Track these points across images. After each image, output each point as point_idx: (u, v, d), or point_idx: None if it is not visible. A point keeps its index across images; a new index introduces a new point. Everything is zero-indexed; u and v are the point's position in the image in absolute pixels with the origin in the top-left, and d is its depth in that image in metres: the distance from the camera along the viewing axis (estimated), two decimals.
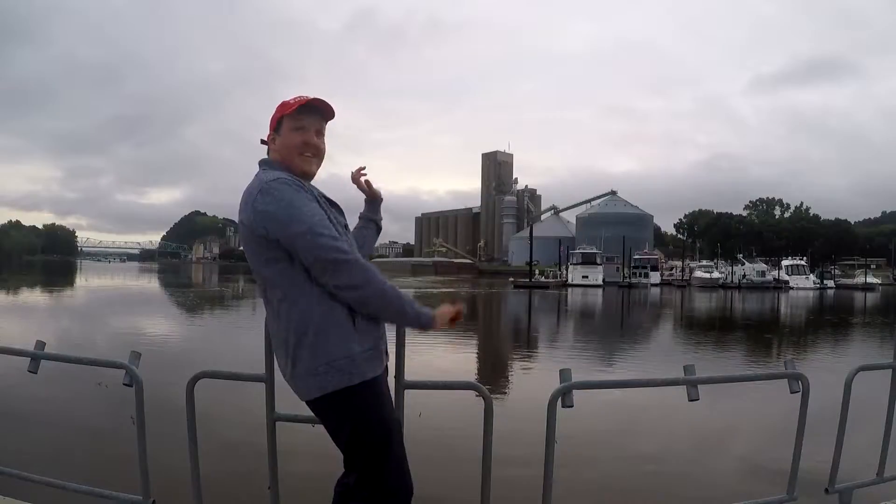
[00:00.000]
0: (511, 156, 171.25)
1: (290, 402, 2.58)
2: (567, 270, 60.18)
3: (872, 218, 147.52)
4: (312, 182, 1.91)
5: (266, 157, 1.92)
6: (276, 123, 1.88)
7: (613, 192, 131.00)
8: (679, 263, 76.89)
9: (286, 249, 1.70)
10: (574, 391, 2.17)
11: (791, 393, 2.41)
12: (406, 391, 2.13)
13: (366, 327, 1.77)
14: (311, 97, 1.86)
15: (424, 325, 1.78)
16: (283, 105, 1.87)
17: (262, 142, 1.93)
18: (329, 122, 1.92)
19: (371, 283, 1.70)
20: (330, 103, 1.88)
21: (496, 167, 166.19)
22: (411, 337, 2.10)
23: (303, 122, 1.85)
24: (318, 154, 1.89)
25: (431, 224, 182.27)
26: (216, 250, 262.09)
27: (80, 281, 49.03)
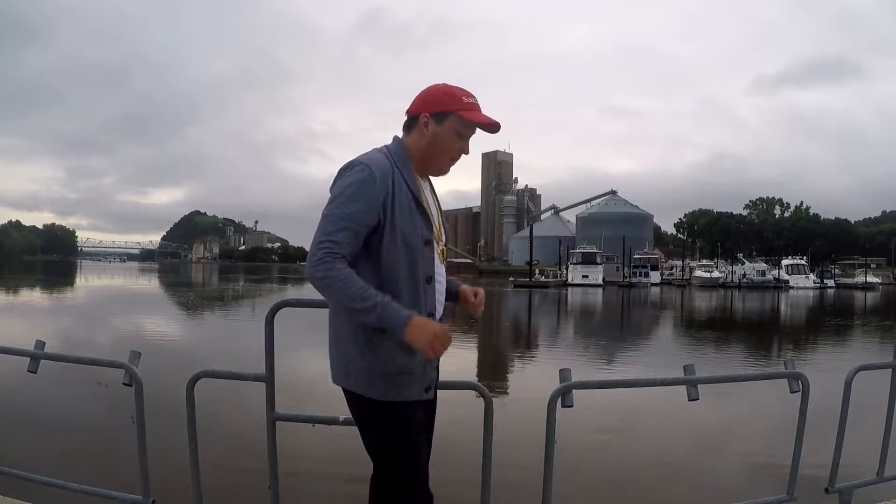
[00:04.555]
0: (511, 155, 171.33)
1: (290, 401, 2.58)
2: (567, 270, 60.16)
3: (872, 217, 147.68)
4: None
5: (402, 134, 1.80)
6: (443, 113, 1.73)
7: (613, 192, 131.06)
8: (679, 263, 76.89)
9: None
10: (574, 391, 2.17)
11: (791, 393, 2.41)
12: None
13: (394, 349, 1.69)
14: (494, 120, 1.76)
15: (393, 332, 1.64)
16: (456, 100, 1.73)
17: (414, 115, 1.77)
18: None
19: (330, 278, 1.60)
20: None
21: (496, 167, 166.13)
22: None
23: (470, 132, 1.77)
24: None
25: None
26: (216, 250, 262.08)
27: (79, 281, 49.02)
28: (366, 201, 1.64)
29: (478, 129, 1.78)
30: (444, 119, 1.73)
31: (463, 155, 1.80)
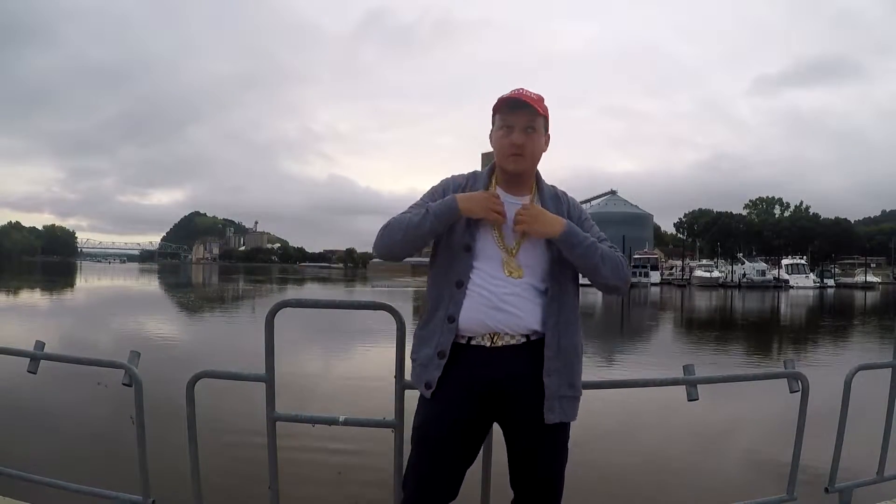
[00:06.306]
0: None
1: (290, 401, 2.57)
2: None
3: (872, 217, 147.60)
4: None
5: None
6: (492, 120, 1.84)
7: (613, 192, 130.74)
8: (679, 263, 76.93)
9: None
10: None
11: (791, 392, 2.41)
12: (406, 391, 2.12)
13: (416, 339, 1.85)
14: (519, 92, 1.75)
15: (448, 210, 1.74)
16: (498, 101, 1.79)
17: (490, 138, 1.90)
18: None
19: (387, 226, 1.78)
20: (534, 99, 1.75)
21: None
22: (410, 336, 2.10)
23: (509, 120, 1.77)
24: (525, 152, 1.76)
25: None
26: (216, 251, 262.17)
27: (79, 282, 49.02)
28: (430, 194, 1.87)
29: (525, 112, 1.75)
30: (494, 123, 1.83)
31: (517, 146, 1.75)
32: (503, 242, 1.78)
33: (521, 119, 1.75)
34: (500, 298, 1.73)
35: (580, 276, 1.82)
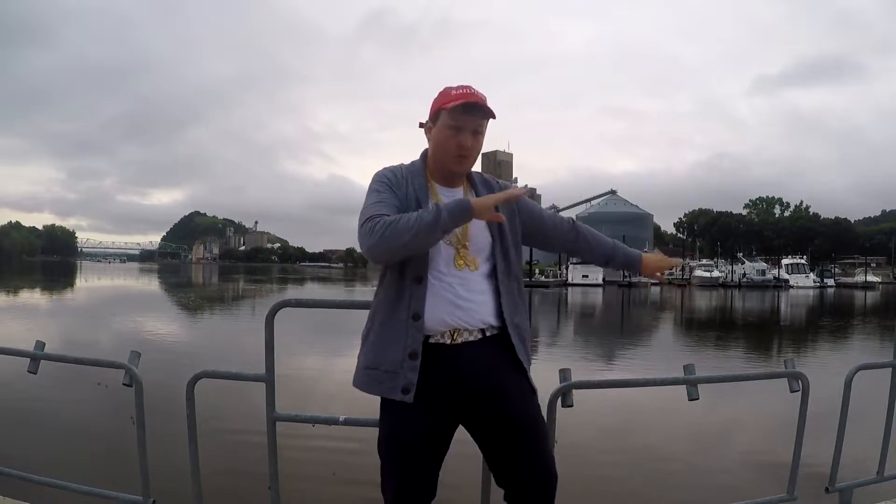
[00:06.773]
0: (511, 155, 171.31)
1: (290, 402, 2.57)
2: (567, 270, 60.20)
3: (872, 216, 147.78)
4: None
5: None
6: (435, 113, 1.76)
7: (613, 192, 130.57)
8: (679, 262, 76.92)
9: None
10: (574, 391, 2.17)
11: (791, 392, 2.41)
12: None
13: (372, 344, 1.75)
14: (473, 94, 1.71)
15: (463, 212, 1.60)
16: (444, 95, 1.73)
17: (420, 125, 1.83)
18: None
19: (389, 225, 1.58)
20: (488, 104, 1.72)
21: (496, 167, 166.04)
22: None
23: (461, 121, 1.70)
24: (471, 155, 1.75)
25: None
26: (216, 251, 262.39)
27: (79, 282, 49.01)
28: (387, 186, 1.74)
29: (477, 115, 1.72)
30: (437, 119, 1.75)
31: (466, 148, 1.71)
32: (450, 238, 1.72)
33: (472, 122, 1.72)
34: (457, 294, 1.71)
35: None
